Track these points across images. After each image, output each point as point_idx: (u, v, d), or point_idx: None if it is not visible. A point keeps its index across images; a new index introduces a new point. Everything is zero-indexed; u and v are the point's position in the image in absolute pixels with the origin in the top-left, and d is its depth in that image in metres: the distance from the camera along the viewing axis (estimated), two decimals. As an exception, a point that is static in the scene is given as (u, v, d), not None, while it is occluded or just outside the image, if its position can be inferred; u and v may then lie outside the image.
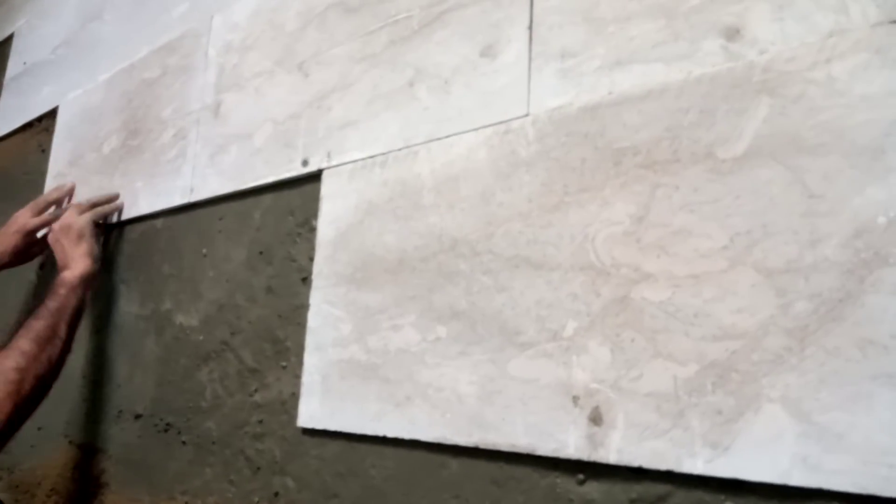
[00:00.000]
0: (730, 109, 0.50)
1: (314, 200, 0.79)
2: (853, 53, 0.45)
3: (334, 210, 0.77)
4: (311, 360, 0.74)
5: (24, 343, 0.87)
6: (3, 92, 1.60)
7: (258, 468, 0.77)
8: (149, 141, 1.07)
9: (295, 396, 0.75)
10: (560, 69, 0.60)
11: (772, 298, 0.46)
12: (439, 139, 0.67)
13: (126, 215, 1.08)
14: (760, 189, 0.47)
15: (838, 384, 0.42)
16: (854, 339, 0.42)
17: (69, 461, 1.07)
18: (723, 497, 0.46)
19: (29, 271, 1.33)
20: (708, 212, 0.49)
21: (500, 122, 0.63)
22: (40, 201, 1.16)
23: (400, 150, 0.71)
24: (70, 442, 1.09)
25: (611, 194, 0.55)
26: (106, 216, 1.09)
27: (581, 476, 0.53)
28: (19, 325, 0.91)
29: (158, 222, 1.03)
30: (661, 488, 0.49)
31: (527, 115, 0.61)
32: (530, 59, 0.62)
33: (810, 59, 0.47)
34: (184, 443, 0.88)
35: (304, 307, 0.77)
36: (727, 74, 0.51)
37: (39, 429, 1.16)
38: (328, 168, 0.78)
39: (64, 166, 1.28)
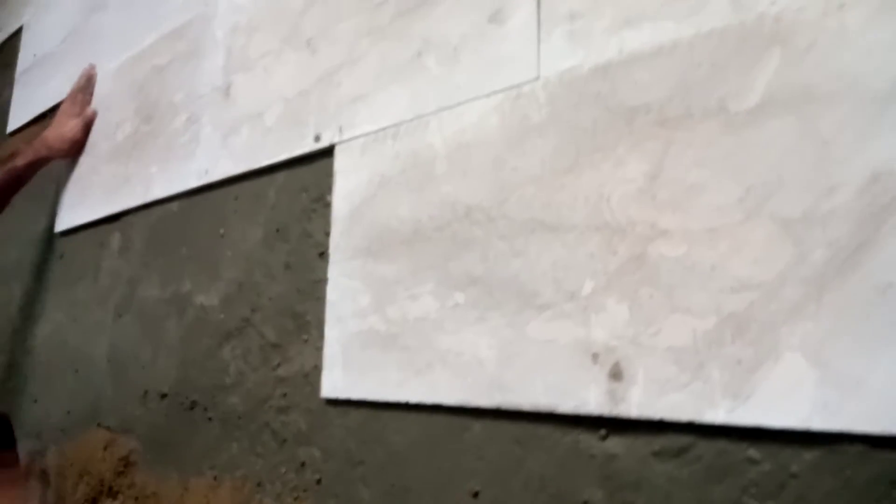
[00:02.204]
0: (741, 62, 0.50)
1: (327, 176, 0.80)
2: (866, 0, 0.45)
3: (348, 184, 0.77)
4: (331, 332, 0.75)
5: None
6: (16, 85, 1.62)
7: (284, 440, 0.79)
8: (161, 126, 1.08)
9: (317, 369, 0.76)
10: (569, 31, 0.60)
11: (788, 248, 0.46)
12: (450, 108, 0.68)
13: (142, 200, 1.09)
14: (774, 140, 0.47)
15: (857, 329, 0.42)
16: (872, 285, 0.42)
17: (98, 443, 1.10)
18: (745, 445, 0.47)
19: (50, 263, 1.35)
20: (722, 166, 0.49)
21: (511, 88, 0.63)
22: (77, 99, 1.29)
23: (411, 121, 0.71)
24: (98, 424, 1.11)
25: (624, 153, 0.55)
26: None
27: (603, 431, 0.53)
28: None
29: (174, 206, 1.04)
30: (683, 440, 0.49)
31: (537, 78, 0.61)
32: (539, 22, 0.62)
33: (822, 7, 0.47)
34: (210, 419, 0.90)
35: (322, 281, 0.78)
36: (738, 27, 0.50)
37: (68, 413, 1.19)
38: (340, 143, 0.78)
39: (78, 156, 1.29)
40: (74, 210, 1.28)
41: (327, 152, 0.80)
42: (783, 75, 0.48)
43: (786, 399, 0.45)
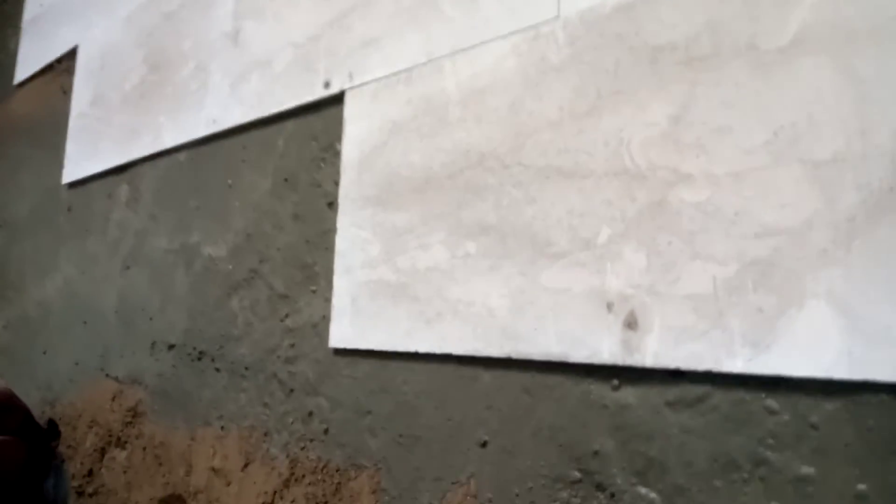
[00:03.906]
0: (774, -3, 0.47)
1: (337, 124, 0.78)
2: (911, -73, 0.42)
3: (358, 132, 0.75)
4: (340, 282, 0.74)
5: None
6: (22, 36, 1.59)
7: (291, 390, 0.78)
8: (170, 75, 1.06)
9: (325, 319, 0.75)
10: (592, -33, 0.57)
11: (817, 192, 0.44)
12: (465, 50, 0.65)
13: (150, 150, 1.08)
14: (806, 80, 0.45)
15: (887, 276, 0.41)
16: (905, 228, 0.40)
17: (107, 393, 1.10)
18: (763, 395, 0.45)
19: (59, 215, 1.35)
20: (750, 107, 0.47)
21: (529, 28, 0.60)
22: None
23: (424, 64, 0.69)
24: (107, 375, 1.11)
25: (647, 95, 0.53)
26: None
27: (616, 381, 0.52)
28: None
29: (182, 156, 1.03)
30: (699, 389, 0.48)
31: (557, 17, 0.59)
32: (560, -41, 0.59)
33: (863, -64, 0.44)
34: (217, 370, 0.90)
35: (331, 231, 0.76)
36: (772, -40, 0.48)
37: (77, 364, 1.19)
38: (350, 89, 0.76)
39: (86, 106, 1.27)
40: (81, 162, 1.26)
41: (337, 99, 0.78)
42: (819, 12, 0.45)
43: (808, 348, 0.43)
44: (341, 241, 0.75)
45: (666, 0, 0.52)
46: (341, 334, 0.73)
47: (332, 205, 0.77)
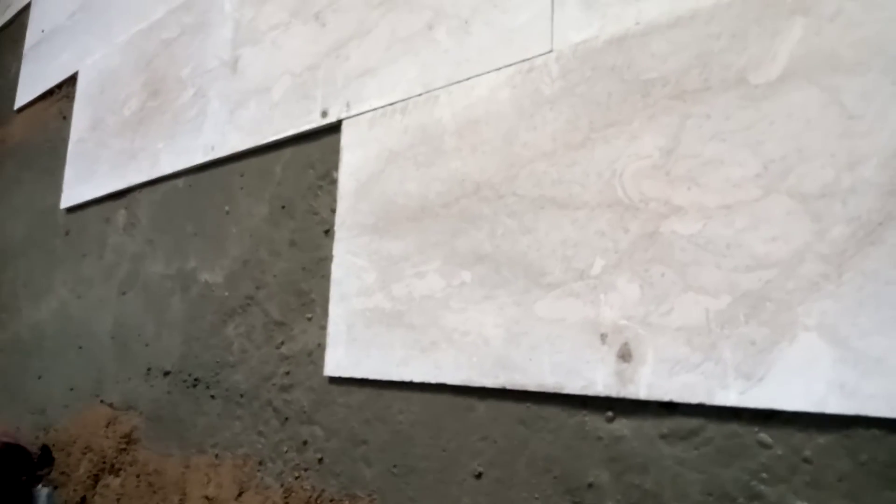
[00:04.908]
0: (762, 32, 0.48)
1: (334, 152, 0.79)
2: (895, -34, 0.43)
3: (355, 160, 0.76)
4: (336, 310, 0.74)
5: None
6: (23, 62, 1.61)
7: (286, 419, 0.78)
8: (169, 101, 1.07)
9: (321, 347, 0.75)
10: (584, 1, 0.58)
11: (807, 224, 0.44)
12: (460, 82, 0.66)
13: (148, 176, 1.08)
14: (795, 113, 0.46)
15: (877, 308, 0.41)
16: (895, 261, 0.41)
17: (101, 419, 1.09)
18: (756, 428, 0.45)
19: (56, 238, 1.35)
20: (740, 140, 0.48)
21: (523, 61, 0.61)
22: None
23: (420, 95, 0.70)
24: (101, 401, 1.11)
25: (639, 127, 0.53)
26: None
27: (610, 413, 0.52)
28: None
29: (180, 182, 1.03)
30: (692, 422, 0.48)
31: (550, 51, 0.60)
32: (553, -7, 0.60)
33: (849, -25, 0.45)
34: (212, 397, 0.89)
35: (327, 259, 0.77)
36: (760, -3, 0.49)
37: (71, 389, 1.19)
38: (347, 118, 0.77)
39: (85, 131, 1.28)
40: (80, 187, 1.27)
41: (334, 128, 0.79)
42: (806, 45, 0.46)
43: (800, 380, 0.43)
44: (337, 269, 0.75)
45: (657, 34, 0.53)
46: (336, 362, 0.72)
47: (329, 232, 0.78)
